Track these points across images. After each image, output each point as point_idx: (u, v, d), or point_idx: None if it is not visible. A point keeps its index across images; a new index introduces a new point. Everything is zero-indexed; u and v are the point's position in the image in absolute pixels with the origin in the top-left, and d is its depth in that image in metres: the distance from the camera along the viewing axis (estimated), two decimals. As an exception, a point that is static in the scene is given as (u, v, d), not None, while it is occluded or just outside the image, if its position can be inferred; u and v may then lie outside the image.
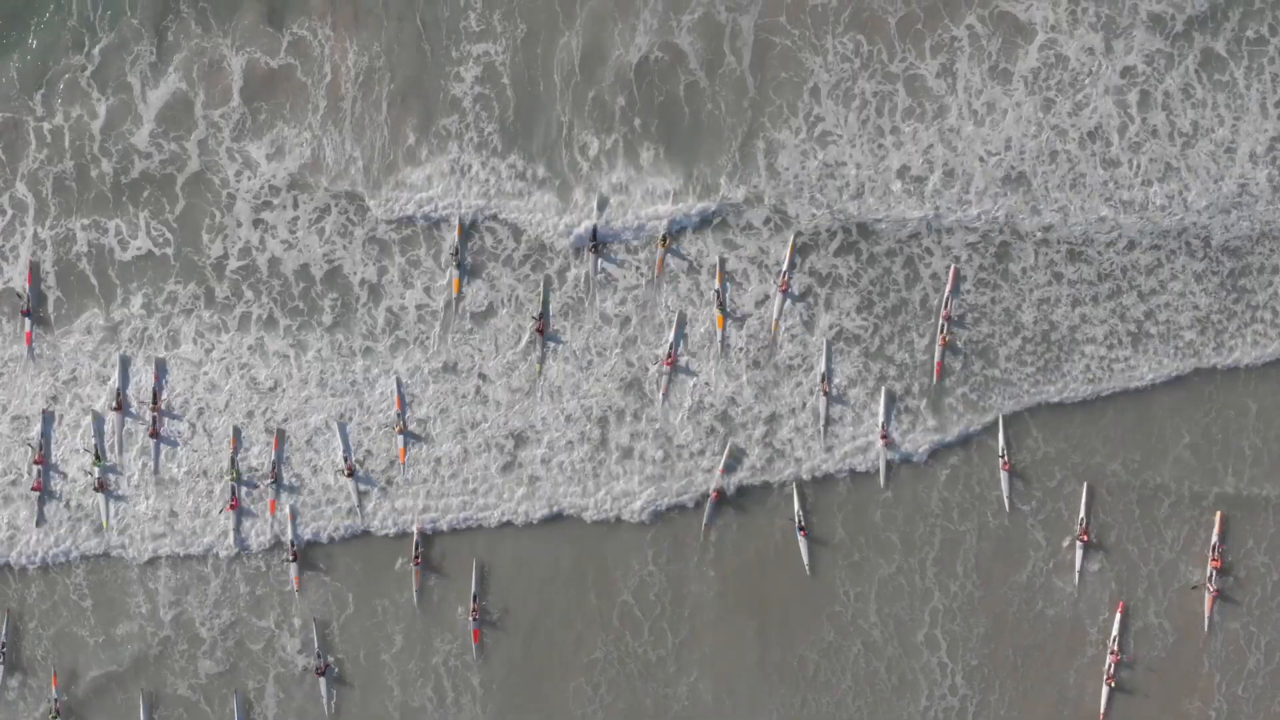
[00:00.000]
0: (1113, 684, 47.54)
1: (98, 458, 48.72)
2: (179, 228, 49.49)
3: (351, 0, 49.89)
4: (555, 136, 49.38)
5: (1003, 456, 48.14)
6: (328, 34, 49.64)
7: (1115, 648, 47.56)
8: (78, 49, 49.60)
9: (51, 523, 48.97)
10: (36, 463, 48.67)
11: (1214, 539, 47.55)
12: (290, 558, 48.63)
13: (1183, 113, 48.78)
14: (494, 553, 48.90)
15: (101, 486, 48.71)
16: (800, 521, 48.08)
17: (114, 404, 48.79)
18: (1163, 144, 48.65)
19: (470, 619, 48.33)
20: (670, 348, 48.64)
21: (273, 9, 49.81)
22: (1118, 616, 47.75)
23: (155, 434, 48.88)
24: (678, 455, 48.80)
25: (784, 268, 48.56)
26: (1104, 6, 48.95)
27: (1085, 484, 48.17)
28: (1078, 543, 47.88)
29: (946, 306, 48.41)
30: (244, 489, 48.87)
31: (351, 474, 48.72)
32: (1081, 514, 47.91)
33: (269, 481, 48.76)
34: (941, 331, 48.39)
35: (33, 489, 48.71)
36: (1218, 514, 47.75)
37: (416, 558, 48.49)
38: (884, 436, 48.27)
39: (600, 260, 48.91)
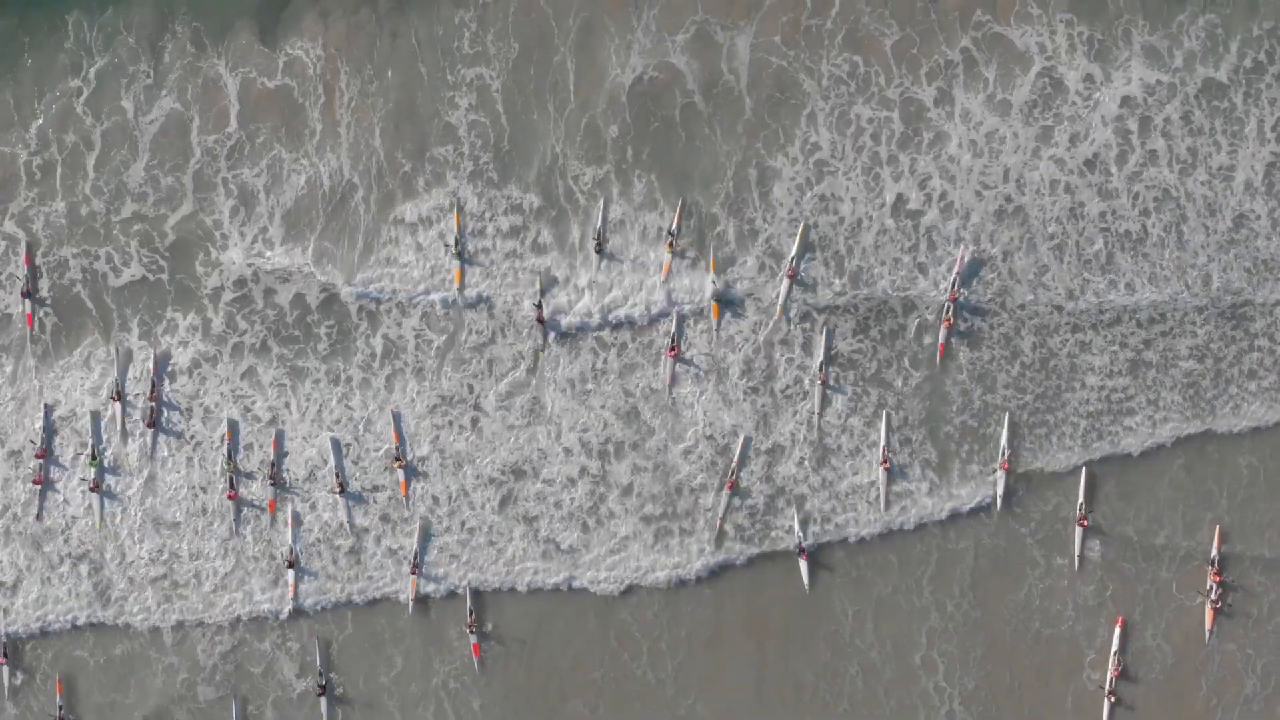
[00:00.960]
0: (1113, 699, 47.72)
1: (94, 457, 48.72)
2: (172, 257, 49.14)
3: (345, 19, 49.37)
4: (550, 164, 48.91)
5: (1003, 456, 48.06)
6: (319, 54, 49.14)
7: (1115, 662, 47.68)
8: (74, 72, 49.14)
9: (51, 561, 49.13)
10: (38, 457, 48.62)
11: (1213, 553, 47.67)
12: (286, 564, 48.73)
13: (1181, 139, 48.49)
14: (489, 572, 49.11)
15: (96, 487, 48.69)
16: (800, 542, 48.09)
17: (113, 394, 48.69)
18: (1161, 171, 48.37)
19: (468, 631, 48.41)
20: (674, 339, 48.47)
21: (266, 28, 49.29)
22: (1117, 630, 47.86)
23: (152, 424, 48.77)
24: (677, 492, 48.79)
25: (791, 256, 48.28)
26: (1099, 32, 48.63)
27: (1084, 470, 48.08)
28: (1077, 528, 47.90)
29: (953, 289, 48.14)
30: (242, 480, 48.97)
31: (342, 490, 48.60)
32: (1080, 499, 47.86)
33: (268, 482, 48.77)
34: (946, 314, 48.16)
35: (34, 483, 48.68)
36: (1216, 527, 47.84)
37: (414, 567, 48.47)
38: (884, 462, 48.18)
39: (603, 262, 48.71)
